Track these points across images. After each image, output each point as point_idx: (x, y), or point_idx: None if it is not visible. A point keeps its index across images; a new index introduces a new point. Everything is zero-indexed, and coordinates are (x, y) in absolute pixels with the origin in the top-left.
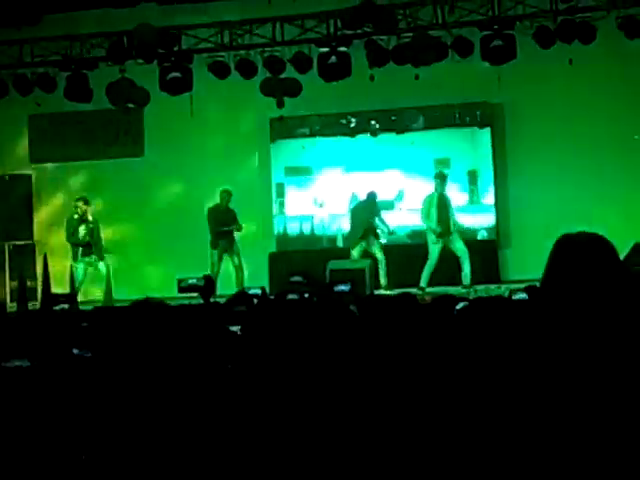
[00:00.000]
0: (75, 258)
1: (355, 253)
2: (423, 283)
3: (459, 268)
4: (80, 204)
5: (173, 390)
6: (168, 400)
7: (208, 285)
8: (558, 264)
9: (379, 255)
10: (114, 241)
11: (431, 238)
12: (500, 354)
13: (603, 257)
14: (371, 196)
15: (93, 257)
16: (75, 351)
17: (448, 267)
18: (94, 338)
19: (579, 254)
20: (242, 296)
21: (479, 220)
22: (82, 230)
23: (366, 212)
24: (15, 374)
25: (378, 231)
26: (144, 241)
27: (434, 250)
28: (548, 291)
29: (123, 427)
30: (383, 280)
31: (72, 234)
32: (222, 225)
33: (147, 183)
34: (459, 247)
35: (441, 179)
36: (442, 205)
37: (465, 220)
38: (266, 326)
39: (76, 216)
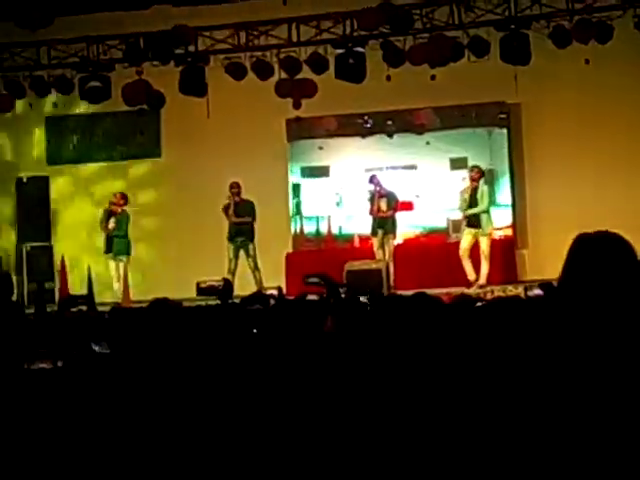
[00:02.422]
0: (106, 253)
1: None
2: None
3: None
4: (118, 196)
5: (190, 390)
6: (184, 399)
7: (226, 287)
8: (575, 263)
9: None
10: (131, 242)
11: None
12: (517, 354)
13: (620, 256)
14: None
15: (118, 255)
16: (96, 348)
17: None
18: (112, 339)
19: (596, 253)
20: (258, 296)
21: (496, 220)
22: (111, 222)
23: None
24: (38, 375)
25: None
26: (161, 242)
27: (462, 240)
28: (565, 290)
29: (141, 426)
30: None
31: (102, 226)
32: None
33: (164, 184)
34: (483, 246)
35: (470, 173)
36: (470, 198)
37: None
38: (286, 326)
39: (108, 207)
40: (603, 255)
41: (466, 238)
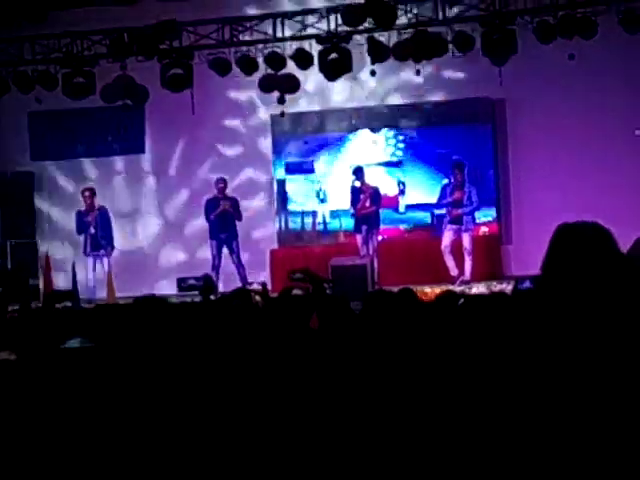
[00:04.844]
0: (85, 252)
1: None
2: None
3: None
4: (87, 195)
5: (175, 385)
6: (170, 395)
7: (207, 284)
8: (557, 252)
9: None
10: (115, 238)
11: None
12: (501, 349)
13: (601, 245)
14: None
15: (101, 251)
16: (76, 344)
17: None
18: (96, 335)
19: (577, 242)
20: (240, 292)
21: (481, 216)
22: (90, 220)
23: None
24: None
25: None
26: (145, 238)
27: (444, 236)
28: (547, 280)
29: (124, 423)
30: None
31: (80, 226)
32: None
33: (148, 180)
34: (466, 242)
35: (453, 169)
36: (454, 194)
37: None
38: (271, 322)
39: (84, 208)
40: (584, 244)
41: (448, 234)
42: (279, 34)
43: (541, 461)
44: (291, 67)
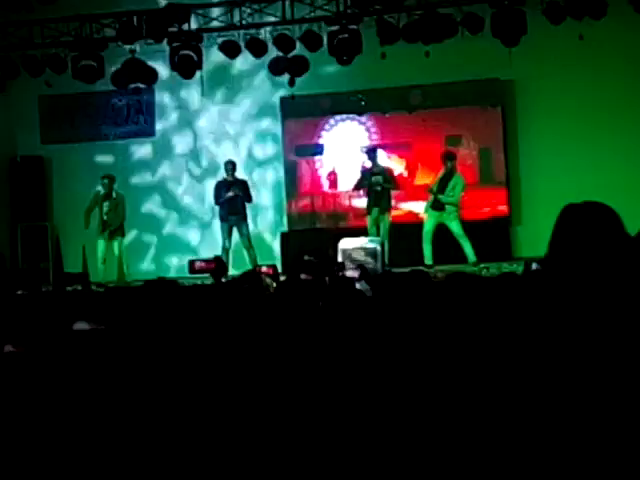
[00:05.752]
0: (98, 233)
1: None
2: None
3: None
4: (106, 181)
5: (186, 367)
6: (181, 377)
7: (218, 266)
8: (562, 233)
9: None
10: (127, 221)
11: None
12: (511, 330)
13: (606, 225)
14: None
15: (114, 234)
16: (84, 326)
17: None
18: (107, 317)
19: (582, 222)
20: (251, 275)
21: (491, 197)
22: (105, 206)
23: None
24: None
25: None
26: (157, 221)
27: (426, 222)
28: (553, 261)
29: (133, 406)
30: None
31: (94, 208)
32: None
33: (158, 163)
34: (454, 228)
35: (445, 158)
36: (444, 181)
37: (477, 197)
38: (281, 304)
39: (102, 192)
40: (589, 224)
41: (430, 221)
42: (288, 16)
43: (550, 444)
44: (301, 49)
